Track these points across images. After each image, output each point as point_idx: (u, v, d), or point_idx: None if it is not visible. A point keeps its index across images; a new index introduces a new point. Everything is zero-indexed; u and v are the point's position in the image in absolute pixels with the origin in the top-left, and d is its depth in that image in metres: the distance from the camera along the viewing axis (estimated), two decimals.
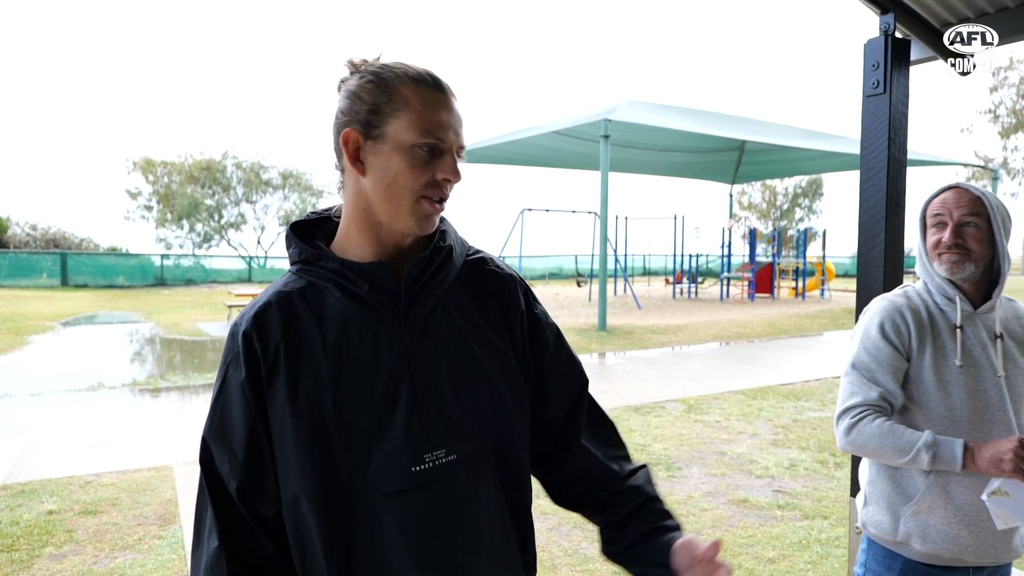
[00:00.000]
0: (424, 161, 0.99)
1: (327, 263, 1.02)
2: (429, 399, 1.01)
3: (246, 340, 1.00)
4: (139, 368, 9.42)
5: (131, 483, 4.71)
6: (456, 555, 1.00)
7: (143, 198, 32.57)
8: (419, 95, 0.99)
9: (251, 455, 0.99)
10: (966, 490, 1.58)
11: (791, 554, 3.65)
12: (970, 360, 1.62)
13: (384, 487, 0.97)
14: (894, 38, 2.56)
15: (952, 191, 1.65)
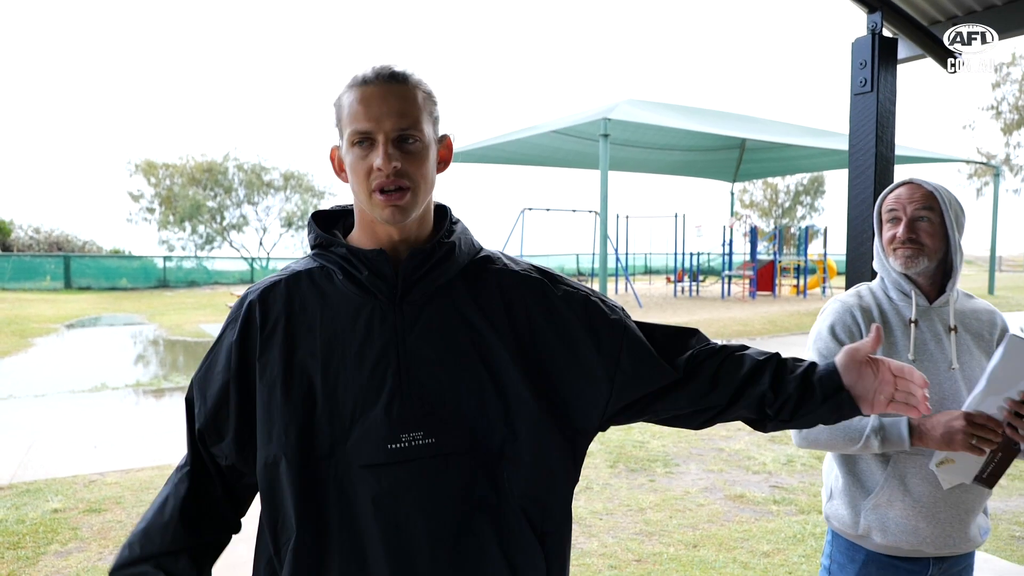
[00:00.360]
0: (361, 156, 1.05)
1: (337, 249, 1.10)
2: (412, 383, 1.05)
3: (248, 308, 1.10)
4: (142, 369, 9.49)
5: (135, 482, 4.77)
6: (420, 535, 1.03)
7: (145, 200, 32.59)
8: (352, 95, 1.05)
9: (217, 407, 1.10)
10: (923, 482, 1.61)
11: (786, 548, 3.69)
12: (924, 354, 1.65)
13: (361, 459, 1.03)
14: (881, 36, 2.59)
15: (906, 187, 1.68)
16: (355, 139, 1.05)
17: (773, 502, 4.40)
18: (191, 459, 1.15)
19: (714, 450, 5.58)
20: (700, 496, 4.51)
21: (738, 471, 5.05)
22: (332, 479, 1.03)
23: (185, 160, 32.82)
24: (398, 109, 1.03)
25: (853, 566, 1.73)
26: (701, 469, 5.09)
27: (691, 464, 5.20)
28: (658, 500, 4.42)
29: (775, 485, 4.74)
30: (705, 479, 4.86)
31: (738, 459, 5.33)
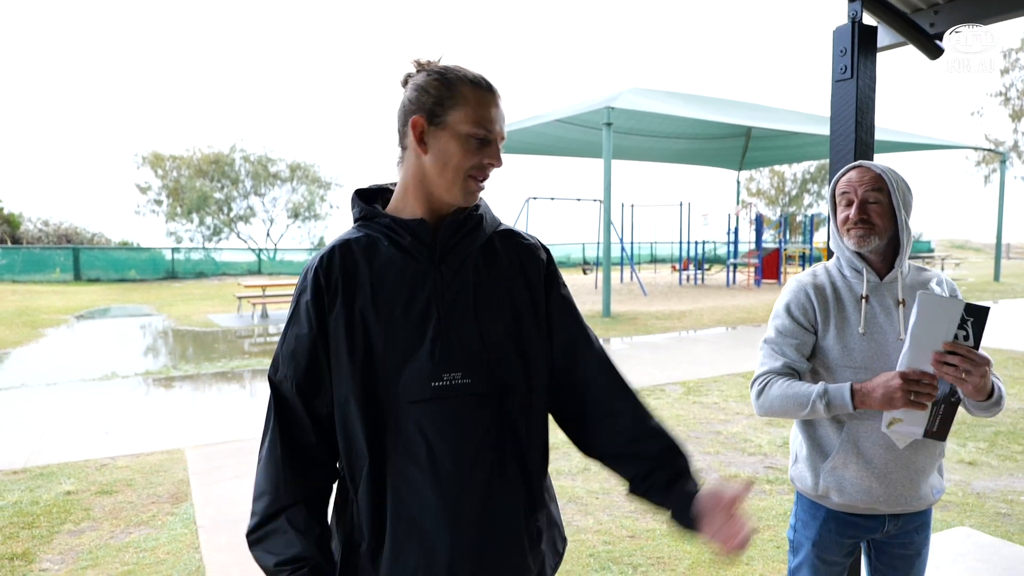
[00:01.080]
0: (475, 148, 1.24)
1: (381, 219, 1.28)
2: (451, 331, 1.25)
3: (315, 276, 1.26)
4: (152, 359, 9.64)
5: (145, 465, 4.90)
6: (460, 459, 1.23)
7: (153, 192, 32.85)
8: (475, 94, 1.24)
9: (311, 362, 1.25)
10: (874, 446, 1.74)
11: (776, 524, 3.80)
12: (874, 327, 1.77)
13: (410, 396, 1.22)
14: (861, 24, 2.66)
15: (856, 170, 1.80)
16: (477, 135, 1.23)
17: (767, 482, 4.50)
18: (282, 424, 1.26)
19: (711, 433, 5.68)
20: None
21: (734, 453, 5.15)
22: (390, 413, 1.23)
23: (192, 152, 33.05)
24: (504, 118, 1.28)
25: (815, 523, 1.88)
26: (698, 451, 5.18)
27: (688, 446, 5.29)
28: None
29: (769, 466, 4.84)
30: (700, 460, 4.96)
31: (734, 441, 5.43)
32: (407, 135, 1.26)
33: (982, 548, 3.44)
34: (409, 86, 1.28)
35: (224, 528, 3.83)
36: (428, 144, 1.24)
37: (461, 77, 1.24)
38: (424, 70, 1.27)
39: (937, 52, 2.95)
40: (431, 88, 1.24)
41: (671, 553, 3.45)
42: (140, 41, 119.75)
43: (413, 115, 1.25)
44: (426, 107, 1.24)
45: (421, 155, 1.25)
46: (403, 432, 1.22)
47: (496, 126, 1.25)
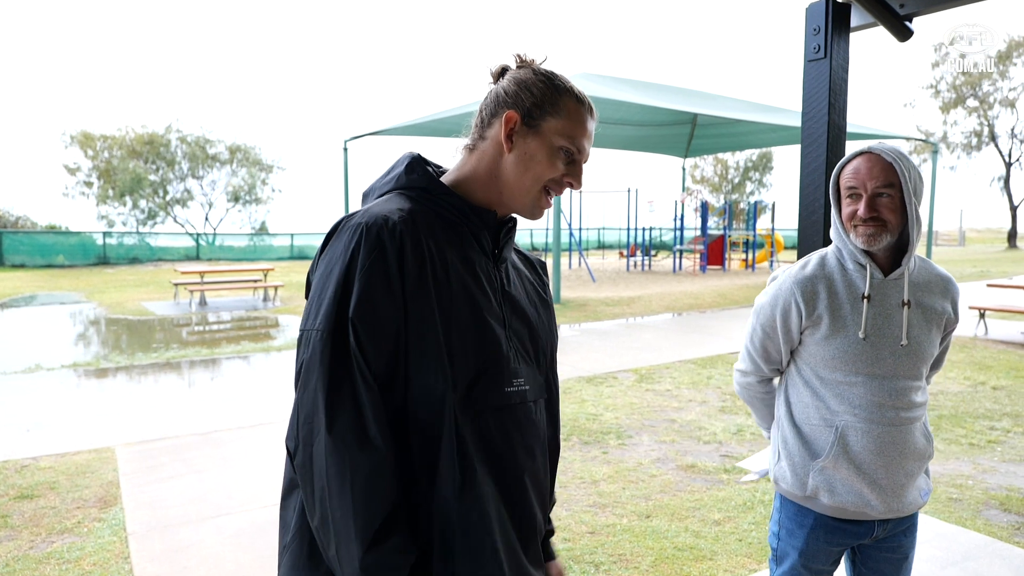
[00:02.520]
0: (562, 161, 1.18)
1: (452, 199, 1.18)
2: (514, 336, 1.19)
3: (398, 238, 1.06)
4: (81, 349, 9.11)
5: (70, 466, 4.56)
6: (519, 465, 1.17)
7: (82, 174, 31.29)
8: (578, 111, 1.18)
9: (394, 348, 1.06)
10: (864, 450, 1.65)
11: (736, 515, 3.74)
12: (874, 330, 1.65)
13: (490, 400, 1.13)
14: (835, 3, 2.56)
15: (864, 158, 1.62)
16: (568, 147, 1.17)
17: (724, 471, 4.46)
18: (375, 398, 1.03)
19: (666, 421, 5.63)
20: (652, 467, 4.54)
21: (690, 441, 5.10)
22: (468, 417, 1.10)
23: (124, 132, 31.57)
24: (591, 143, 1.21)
25: (802, 531, 1.77)
26: (653, 440, 5.12)
27: (644, 435, 5.24)
28: (611, 472, 4.44)
29: (725, 454, 4.81)
30: (657, 450, 4.90)
31: (690, 430, 5.39)
32: (493, 127, 1.18)
33: (940, 536, 3.45)
34: (508, 78, 1.20)
35: (157, 534, 3.56)
36: (515, 143, 1.17)
37: (569, 88, 1.19)
38: (528, 67, 1.21)
39: (907, 34, 2.88)
40: (535, 88, 1.17)
41: (633, 549, 3.35)
42: (68, 13, 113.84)
43: (509, 109, 1.17)
44: (524, 105, 1.17)
45: (505, 152, 1.17)
46: (478, 436, 1.11)
47: (587, 149, 1.20)
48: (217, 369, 7.79)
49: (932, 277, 1.72)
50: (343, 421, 1.01)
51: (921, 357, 1.66)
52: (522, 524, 1.17)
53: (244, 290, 15.50)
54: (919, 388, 1.68)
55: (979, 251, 37.34)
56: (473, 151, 1.21)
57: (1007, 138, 39.78)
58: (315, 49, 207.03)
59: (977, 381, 7.11)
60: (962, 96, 39.22)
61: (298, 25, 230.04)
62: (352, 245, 1.06)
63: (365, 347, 1.04)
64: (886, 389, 1.64)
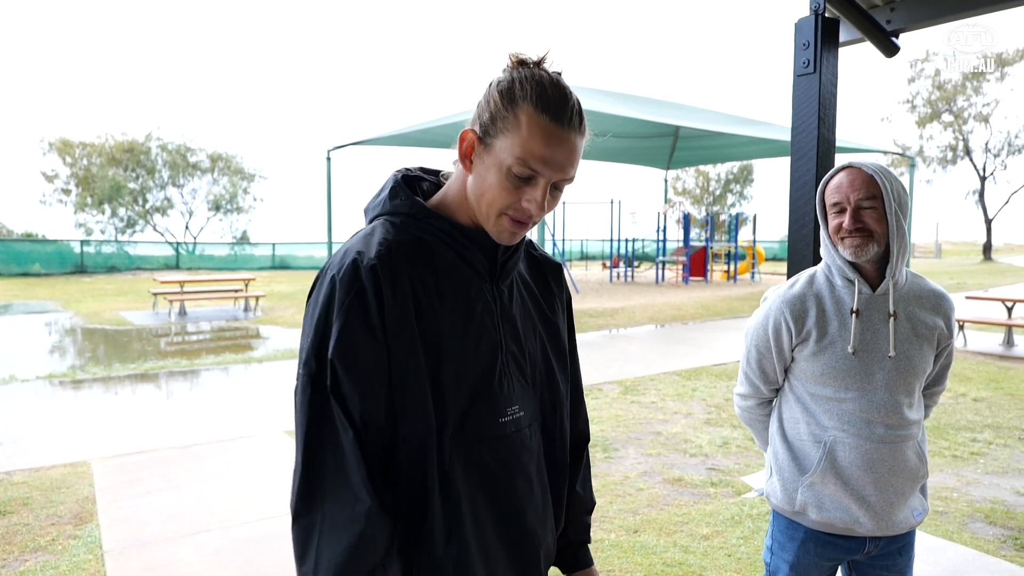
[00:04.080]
0: (515, 186, 1.03)
1: (439, 222, 1.09)
2: (512, 360, 1.14)
3: (374, 276, 1.01)
4: (57, 360, 8.93)
5: (45, 481, 4.44)
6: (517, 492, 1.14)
7: (60, 181, 30.85)
8: (533, 123, 1.01)
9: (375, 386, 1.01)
10: (852, 466, 1.65)
11: (724, 530, 3.72)
12: (862, 344, 1.65)
13: (481, 433, 1.08)
14: (824, 18, 2.57)
15: (845, 172, 1.65)
16: (520, 171, 1.02)
17: (711, 484, 4.44)
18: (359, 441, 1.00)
19: (652, 434, 5.61)
20: (639, 480, 4.52)
21: (676, 454, 5.08)
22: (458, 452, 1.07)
23: (104, 139, 31.21)
24: (569, 161, 1.04)
25: (793, 544, 1.78)
26: (640, 453, 5.10)
27: (630, 448, 5.21)
28: (598, 485, 4.40)
29: (712, 467, 4.79)
30: (644, 463, 4.87)
31: (675, 442, 5.37)
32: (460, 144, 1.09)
33: (929, 550, 3.45)
34: (487, 86, 1.08)
35: (134, 551, 3.47)
36: (474, 164, 1.07)
37: (529, 95, 1.02)
38: (511, 69, 1.06)
39: (893, 50, 2.90)
40: (493, 101, 1.04)
41: (622, 565, 3.32)
42: (48, 19, 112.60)
43: (469, 126, 1.07)
44: (482, 121, 1.05)
45: (466, 173, 1.09)
46: (470, 469, 1.08)
47: (549, 167, 1.02)
48: (197, 380, 7.67)
49: (924, 292, 1.72)
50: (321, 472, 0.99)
51: (912, 372, 1.65)
52: (517, 550, 1.15)
53: (225, 300, 15.32)
54: (911, 404, 1.67)
55: (955, 263, 37.91)
56: (457, 167, 1.14)
57: (981, 152, 40.54)
58: (298, 57, 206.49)
59: (958, 393, 7.17)
60: (937, 111, 39.92)
61: (281, 34, 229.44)
62: (331, 286, 1.03)
63: (345, 390, 1.00)
64: (876, 405, 1.63)
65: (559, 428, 1.24)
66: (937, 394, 1.85)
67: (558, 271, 1.30)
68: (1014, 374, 8.16)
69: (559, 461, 1.25)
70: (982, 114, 39.08)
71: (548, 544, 1.22)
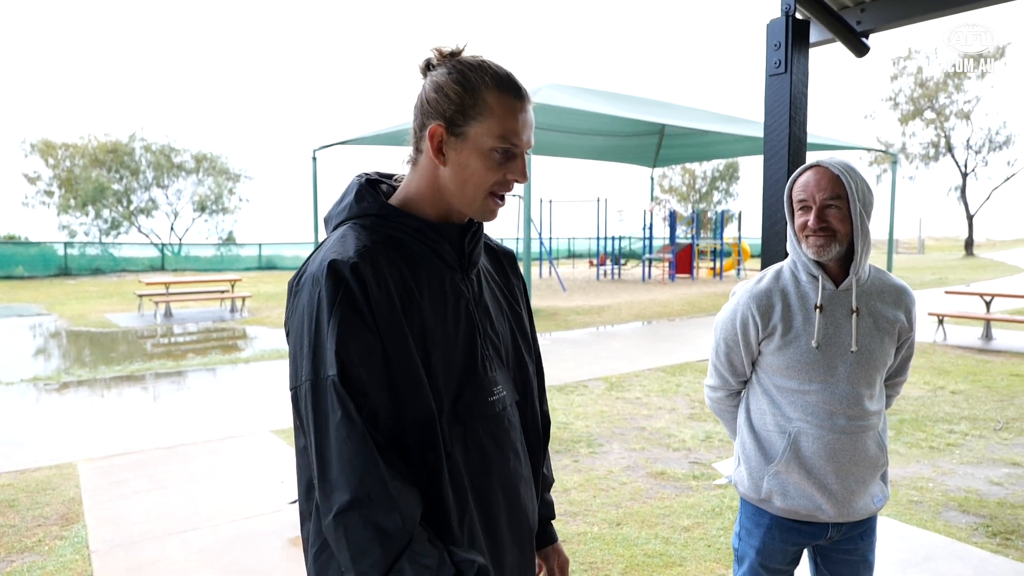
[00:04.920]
0: (498, 163, 1.12)
1: (407, 219, 1.16)
2: (490, 343, 1.21)
3: (357, 273, 1.05)
4: (41, 363, 8.89)
5: (30, 483, 4.45)
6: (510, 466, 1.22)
7: (43, 183, 30.55)
8: (501, 103, 1.11)
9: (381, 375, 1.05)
10: (814, 455, 1.71)
11: (705, 521, 3.79)
12: (825, 338, 1.71)
13: (474, 411, 1.16)
14: (794, 19, 2.64)
15: (812, 172, 1.69)
16: (501, 147, 1.11)
17: (693, 478, 4.51)
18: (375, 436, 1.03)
19: (636, 429, 5.68)
20: (623, 475, 4.58)
21: (659, 449, 5.15)
22: (458, 431, 1.14)
23: (87, 140, 30.93)
24: (532, 129, 1.16)
25: (759, 531, 1.84)
26: (624, 448, 5.16)
27: (614, 444, 5.28)
28: (582, 480, 4.46)
29: (694, 461, 4.86)
30: (627, 458, 4.94)
31: (659, 437, 5.44)
32: (423, 140, 1.14)
33: (903, 538, 3.54)
34: (428, 82, 1.15)
35: (121, 551, 3.49)
36: (447, 156, 1.13)
37: (485, 80, 1.11)
38: (445, 64, 1.14)
39: (863, 50, 2.97)
40: (452, 93, 1.11)
41: (604, 557, 3.38)
42: (28, 19, 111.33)
43: (432, 122, 1.12)
44: (446, 115, 1.12)
45: (439, 166, 1.14)
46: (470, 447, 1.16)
47: (523, 137, 1.13)
48: (183, 382, 7.66)
49: (886, 287, 1.78)
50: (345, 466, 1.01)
51: (873, 365, 1.72)
52: (515, 524, 1.23)
53: (211, 301, 15.27)
54: (872, 396, 1.74)
55: (938, 259, 38.32)
56: (415, 166, 1.18)
57: (963, 149, 40.96)
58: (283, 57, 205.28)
59: (936, 386, 7.29)
60: (919, 108, 40.29)
61: (266, 33, 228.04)
62: (317, 294, 1.06)
63: (352, 383, 1.03)
64: (838, 397, 1.70)
65: (531, 407, 1.32)
66: (899, 384, 1.91)
67: (513, 259, 1.38)
68: (991, 367, 8.30)
69: (535, 439, 1.34)
70: (963, 111, 39.50)
71: (533, 520, 1.30)
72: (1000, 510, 3.99)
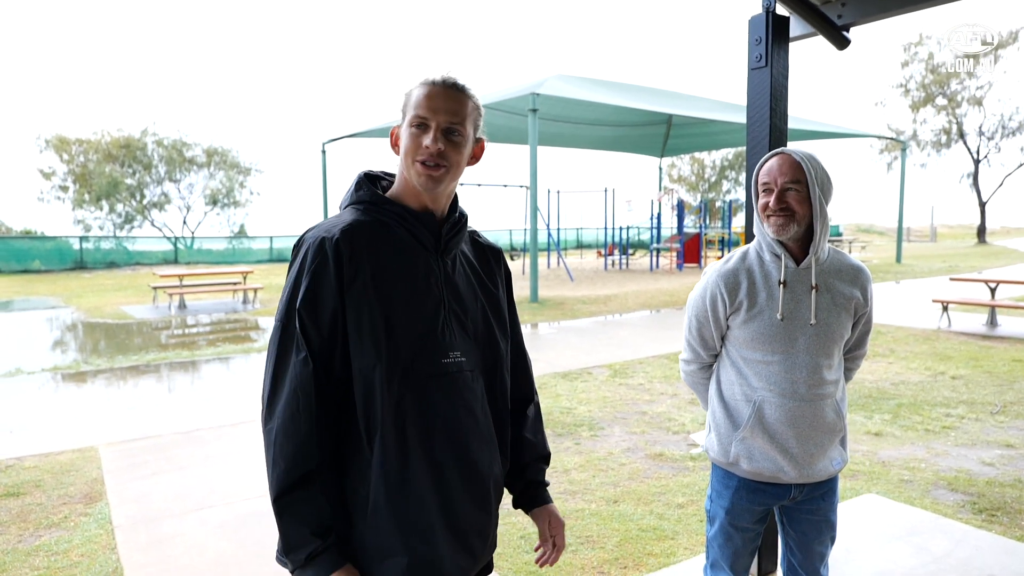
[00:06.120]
0: (415, 135, 1.36)
1: (391, 207, 1.40)
2: (454, 316, 1.41)
3: (336, 248, 1.31)
4: (60, 353, 9.14)
5: (55, 465, 4.66)
6: (461, 422, 1.40)
7: (57, 178, 30.92)
8: (421, 91, 1.38)
9: (332, 330, 1.31)
10: (777, 422, 1.87)
11: (698, 499, 3.94)
12: (787, 313, 1.86)
13: (426, 370, 1.36)
14: (775, 15, 2.76)
15: (776, 158, 1.86)
16: (415, 122, 1.36)
17: (690, 459, 4.65)
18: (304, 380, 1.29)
19: (637, 413, 5.83)
20: (622, 456, 4.73)
21: (659, 432, 5.30)
22: (408, 384, 1.34)
23: (100, 135, 31.25)
24: (452, 108, 1.36)
25: (728, 492, 2.00)
26: (624, 431, 5.31)
27: (615, 427, 5.43)
28: (582, 461, 4.62)
29: (693, 443, 5.01)
30: (628, 440, 5.09)
31: (659, 421, 5.59)
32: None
33: (888, 513, 3.67)
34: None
35: (143, 526, 3.68)
36: (399, 143, 1.41)
37: (421, 80, 1.39)
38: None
39: (844, 43, 3.09)
40: (404, 95, 1.41)
41: (600, 532, 3.54)
42: (43, 16, 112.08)
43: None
44: (401, 112, 1.41)
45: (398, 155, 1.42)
46: (421, 400, 1.35)
47: (438, 114, 1.35)
48: (197, 371, 7.88)
49: (843, 267, 1.92)
50: (282, 394, 1.30)
51: (831, 338, 1.86)
52: (467, 473, 1.39)
53: (224, 293, 15.51)
54: (830, 367, 1.88)
55: (950, 247, 38.10)
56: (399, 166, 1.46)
57: (975, 136, 40.61)
58: (293, 51, 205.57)
59: (937, 371, 7.39)
60: (931, 95, 39.94)
61: (276, 28, 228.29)
62: (303, 255, 1.34)
63: (308, 331, 1.30)
64: (798, 366, 1.84)
65: (499, 379, 1.51)
66: (859, 358, 2.05)
67: (499, 254, 1.62)
68: (994, 353, 8.38)
69: (501, 408, 1.51)
70: (976, 97, 39.14)
71: (496, 475, 1.47)
72: (988, 488, 4.11)
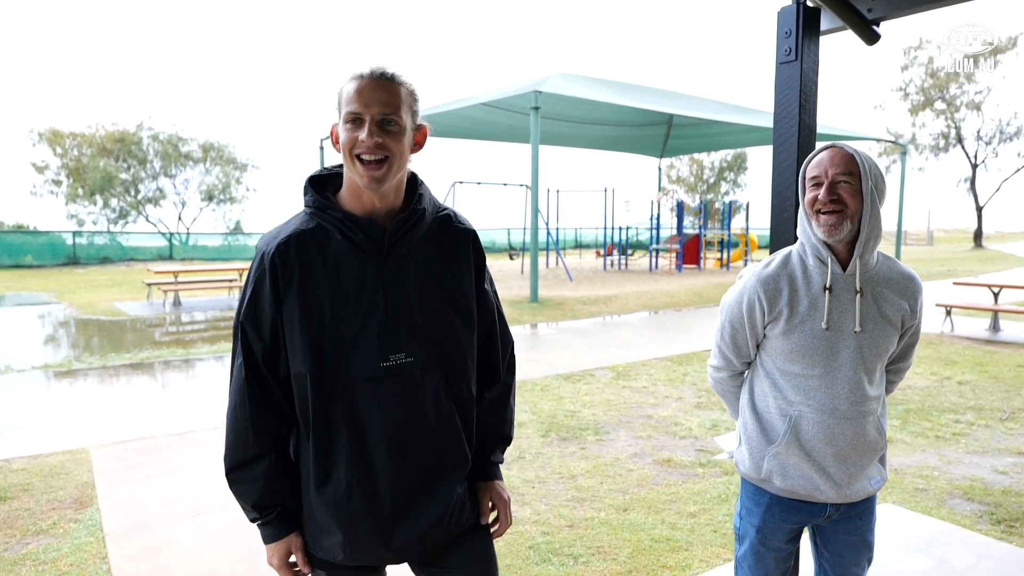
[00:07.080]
0: (351, 131, 1.36)
1: (334, 212, 1.42)
2: (396, 317, 1.43)
3: (272, 262, 1.39)
4: (52, 351, 8.97)
5: (44, 467, 4.51)
6: (401, 419, 1.44)
7: (51, 172, 30.65)
8: (351, 86, 1.37)
9: (272, 336, 1.42)
10: (814, 439, 1.74)
11: (711, 508, 3.82)
12: (831, 322, 1.71)
13: (360, 374, 1.40)
14: (805, 7, 2.63)
15: (828, 151, 1.72)
16: (348, 119, 1.36)
17: (699, 465, 4.54)
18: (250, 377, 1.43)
19: (643, 417, 5.71)
20: (629, 462, 4.61)
21: (666, 436, 5.18)
22: (339, 387, 1.40)
23: (94, 129, 30.99)
24: (384, 99, 1.36)
25: (759, 509, 1.87)
26: (630, 436, 5.19)
27: (621, 431, 5.30)
28: (589, 467, 4.49)
29: (701, 449, 4.89)
30: (634, 445, 4.97)
31: (666, 425, 5.47)
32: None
33: (906, 524, 3.56)
34: None
35: (135, 534, 3.54)
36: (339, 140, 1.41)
37: (350, 75, 1.38)
38: None
39: (874, 38, 2.96)
40: (336, 94, 1.41)
41: (611, 542, 3.41)
42: (36, 8, 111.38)
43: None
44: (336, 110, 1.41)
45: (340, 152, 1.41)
46: (354, 402, 1.41)
47: (369, 107, 1.35)
48: (192, 369, 7.73)
49: (894, 275, 1.78)
50: (231, 390, 1.46)
51: (875, 351, 1.72)
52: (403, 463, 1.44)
53: (219, 290, 15.34)
54: (873, 382, 1.75)
55: (946, 250, 38.13)
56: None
57: (973, 140, 40.65)
58: (290, 46, 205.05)
59: (943, 376, 7.29)
60: (930, 99, 39.97)
61: (272, 22, 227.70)
62: (252, 265, 1.44)
63: (250, 340, 1.42)
64: (840, 381, 1.71)
65: (462, 370, 1.52)
66: (902, 371, 1.92)
67: (469, 236, 1.58)
68: (999, 358, 8.29)
69: (464, 398, 1.54)
70: (974, 102, 39.17)
71: (454, 461, 1.51)
72: (1005, 498, 4.00)
